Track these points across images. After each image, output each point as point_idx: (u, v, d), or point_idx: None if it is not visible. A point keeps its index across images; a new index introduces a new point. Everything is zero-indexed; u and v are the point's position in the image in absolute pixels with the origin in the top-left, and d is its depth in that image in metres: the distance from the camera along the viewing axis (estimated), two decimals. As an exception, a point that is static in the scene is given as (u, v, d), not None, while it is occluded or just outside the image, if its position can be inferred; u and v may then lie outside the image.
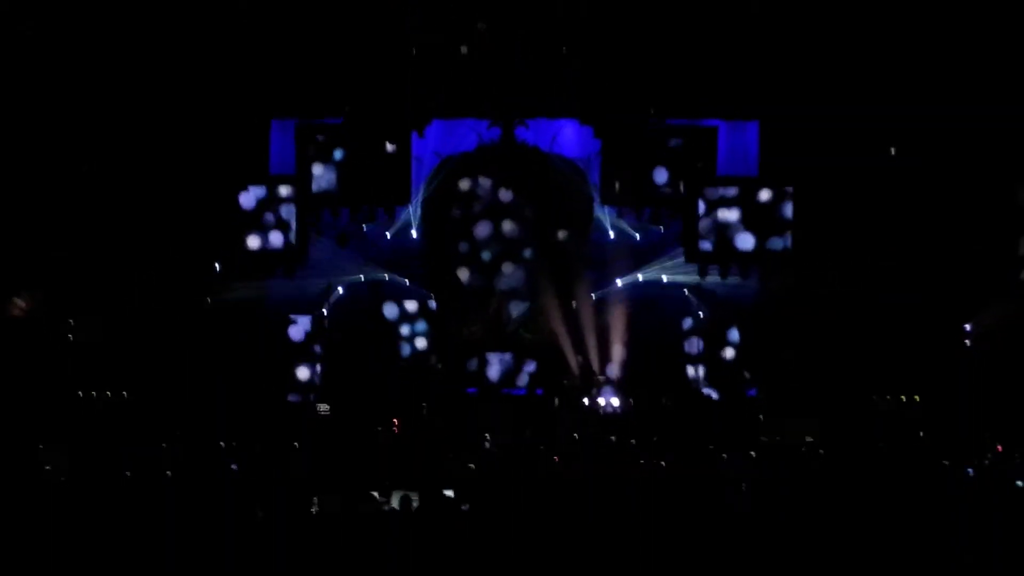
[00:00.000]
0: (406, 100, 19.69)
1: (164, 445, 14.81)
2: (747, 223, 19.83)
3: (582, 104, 19.77)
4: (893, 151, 19.03)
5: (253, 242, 19.85)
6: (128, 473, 12.97)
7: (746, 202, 19.87)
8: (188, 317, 19.41)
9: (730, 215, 19.90)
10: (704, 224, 19.91)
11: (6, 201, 18.87)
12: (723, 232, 19.89)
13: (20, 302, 19.05)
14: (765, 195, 19.81)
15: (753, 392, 19.92)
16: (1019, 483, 12.57)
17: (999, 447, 15.49)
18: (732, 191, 19.90)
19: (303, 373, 20.44)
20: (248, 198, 19.82)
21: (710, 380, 20.42)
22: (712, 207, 19.93)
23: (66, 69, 18.29)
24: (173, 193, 19.47)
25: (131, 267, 19.24)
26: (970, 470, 14.26)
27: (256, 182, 19.87)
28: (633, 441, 16.38)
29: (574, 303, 20.32)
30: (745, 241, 19.84)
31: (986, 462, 14.47)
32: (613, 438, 16.78)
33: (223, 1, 18.15)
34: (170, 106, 19.10)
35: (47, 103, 18.38)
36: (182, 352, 18.96)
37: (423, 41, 18.75)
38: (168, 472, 13.14)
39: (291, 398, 20.20)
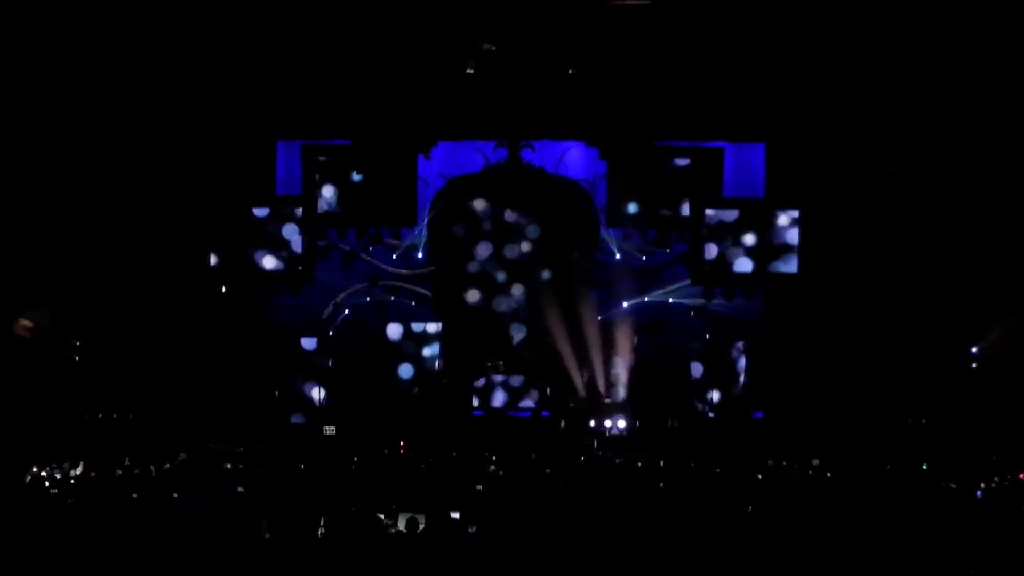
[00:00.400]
0: (412, 123, 19.67)
1: (167, 464, 14.60)
2: (753, 245, 19.87)
3: (588, 126, 19.79)
4: (892, 168, 18.86)
5: (259, 261, 19.92)
6: (135, 495, 12.36)
7: (752, 224, 19.87)
8: (195, 336, 19.25)
9: (736, 237, 19.94)
10: (709, 246, 19.91)
11: (11, 212, 18.69)
12: (728, 254, 19.89)
13: (26, 321, 19.00)
14: (771, 218, 19.83)
15: (759, 414, 19.79)
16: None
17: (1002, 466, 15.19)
18: (738, 213, 19.91)
19: (309, 393, 20.31)
20: (255, 218, 19.90)
21: (715, 402, 20.31)
22: (717, 229, 19.91)
23: (73, 82, 18.13)
24: (181, 212, 19.44)
25: (136, 285, 19.13)
26: (979, 492, 14.29)
27: (262, 202, 19.94)
28: (640, 463, 16.20)
29: (580, 324, 20.16)
30: (750, 264, 19.89)
31: (993, 484, 14.26)
32: (618, 460, 16.70)
33: (231, 23, 18.02)
34: (178, 128, 19.12)
35: (56, 114, 18.20)
36: (187, 370, 18.82)
37: (429, 63, 18.70)
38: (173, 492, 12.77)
39: (295, 419, 20.11)
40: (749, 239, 19.86)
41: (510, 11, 18.08)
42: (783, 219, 19.78)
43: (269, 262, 19.98)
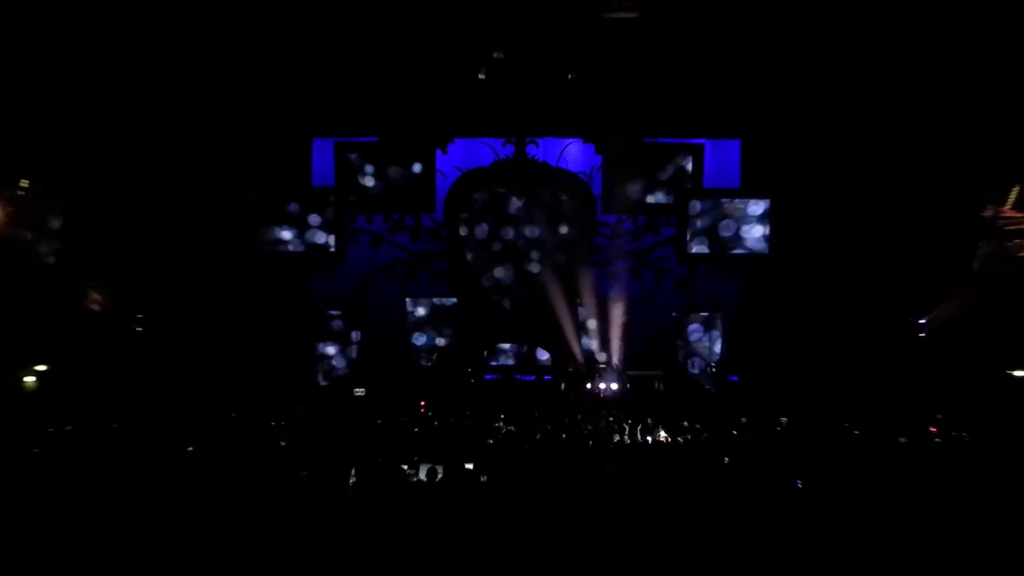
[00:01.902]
0: (431, 122, 20.16)
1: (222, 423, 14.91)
2: (730, 230, 20.50)
3: (585, 125, 20.31)
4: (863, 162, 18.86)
5: (298, 244, 20.58)
6: (191, 448, 12.60)
7: (729, 211, 20.47)
8: (240, 312, 19.79)
9: (715, 223, 20.54)
10: (692, 230, 20.49)
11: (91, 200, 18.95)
12: (709, 237, 20.51)
13: (96, 297, 19.48)
14: (746, 205, 20.45)
15: (734, 378, 20.15)
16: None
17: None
18: (717, 202, 20.48)
19: (339, 361, 21.07)
20: (295, 206, 20.54)
21: (696, 367, 20.90)
22: (699, 215, 20.51)
23: (140, 87, 18.21)
24: (227, 203, 19.97)
25: (188, 268, 19.62)
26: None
27: (300, 193, 20.55)
28: (630, 420, 16.43)
29: (578, 299, 20.65)
30: (729, 245, 20.54)
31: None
32: (611, 417, 16.90)
33: (266, 30, 17.88)
34: (229, 130, 19.54)
35: (116, 109, 18.41)
36: (238, 340, 19.29)
37: (447, 70, 18.89)
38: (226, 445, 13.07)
39: (324, 383, 20.71)
40: (727, 224, 20.46)
41: (517, 21, 18.06)
42: (755, 207, 20.35)
43: (305, 245, 20.58)
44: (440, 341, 21.43)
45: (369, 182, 20.97)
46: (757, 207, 20.53)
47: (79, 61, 17.35)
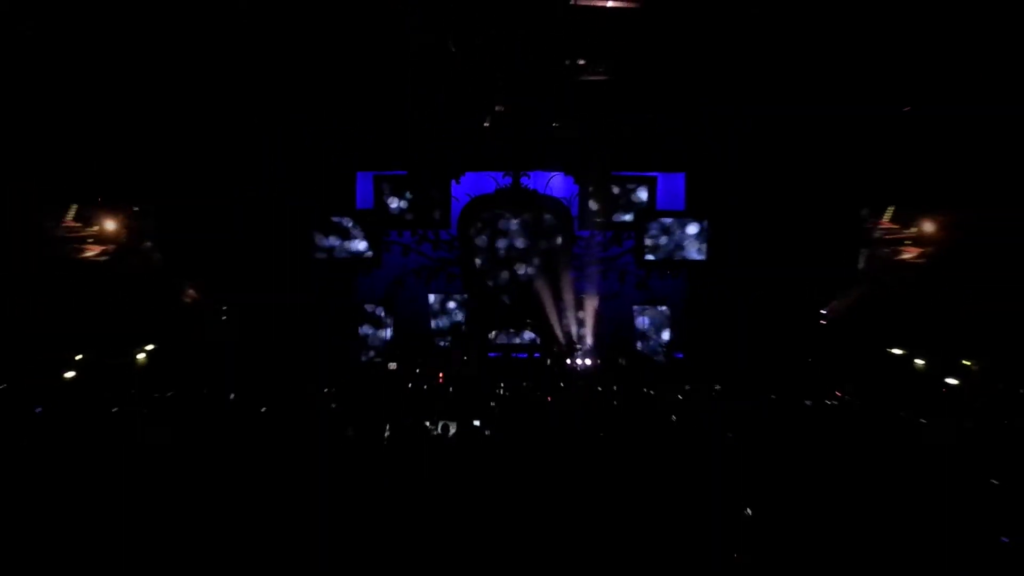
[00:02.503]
0: (447, 160, 20.20)
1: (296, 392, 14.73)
2: (677, 241, 20.52)
3: (566, 161, 20.27)
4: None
5: (345, 252, 20.64)
6: (263, 409, 12.81)
7: (676, 228, 20.55)
8: (299, 304, 19.52)
9: (665, 235, 20.59)
10: (648, 242, 20.57)
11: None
12: (660, 248, 20.58)
13: (190, 292, 19.41)
14: (688, 224, 20.51)
15: (680, 355, 20.41)
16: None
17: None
18: (667, 221, 20.57)
19: (376, 341, 21.06)
20: (343, 223, 20.66)
21: (650, 347, 20.91)
22: (653, 231, 20.59)
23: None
24: (294, 220, 19.95)
25: (261, 268, 19.40)
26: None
27: (347, 213, 20.64)
28: (600, 388, 16.58)
29: (561, 295, 20.50)
30: (676, 253, 20.57)
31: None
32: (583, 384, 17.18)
33: (314, 79, 17.02)
34: (301, 166, 19.50)
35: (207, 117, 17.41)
36: (299, 327, 19.24)
37: (461, 120, 18.76)
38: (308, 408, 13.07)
39: (364, 358, 20.66)
40: (674, 237, 20.54)
41: (515, 90, 17.66)
42: (695, 225, 20.44)
43: (350, 253, 20.65)
44: (455, 326, 21.33)
45: (400, 205, 20.95)
46: (696, 225, 20.53)
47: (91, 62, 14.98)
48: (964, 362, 17.28)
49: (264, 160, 19.12)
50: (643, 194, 20.79)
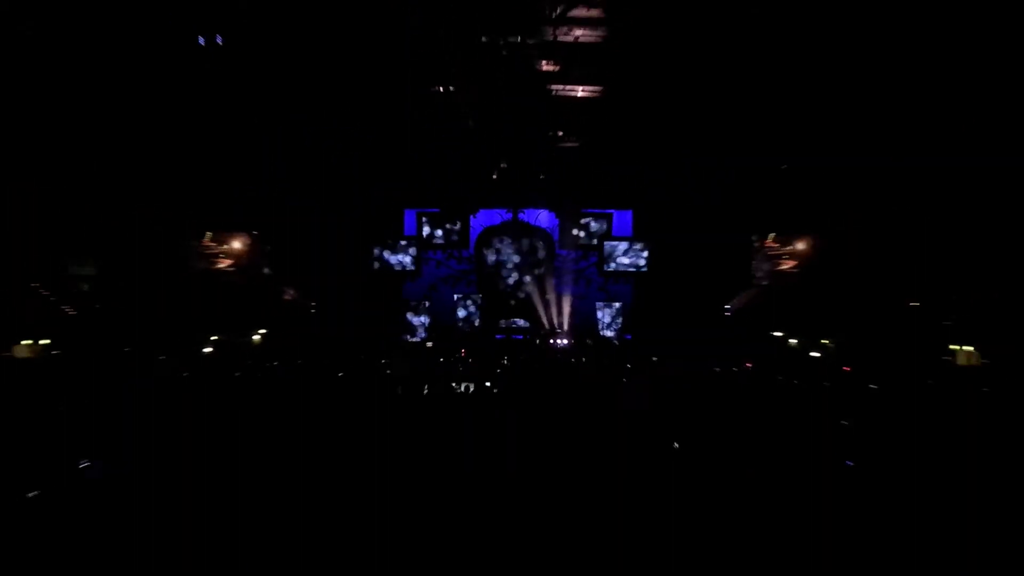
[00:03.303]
0: (467, 202, 20.25)
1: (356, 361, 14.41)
2: (626, 257, 20.46)
3: (551, 202, 20.23)
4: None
5: (398, 265, 20.53)
6: (341, 374, 12.65)
7: (626, 248, 20.48)
8: (367, 303, 19.37)
9: (618, 253, 20.50)
10: (606, 259, 20.48)
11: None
12: (615, 262, 20.48)
13: (289, 292, 19.52)
14: (634, 245, 20.44)
15: (629, 337, 20.24)
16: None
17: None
18: (620, 244, 20.48)
19: (418, 323, 20.78)
20: (397, 244, 20.56)
21: (608, 331, 20.67)
22: (610, 251, 20.50)
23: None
24: (364, 244, 20.06)
25: (340, 280, 19.28)
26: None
27: (397, 238, 20.58)
28: (573, 359, 16.81)
29: (546, 295, 20.44)
30: (625, 265, 20.46)
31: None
32: (561, 357, 17.16)
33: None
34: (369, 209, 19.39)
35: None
36: (364, 317, 18.92)
37: (479, 175, 18.72)
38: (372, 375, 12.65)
39: (407, 337, 20.41)
40: (624, 255, 20.49)
41: (515, 152, 17.84)
42: (639, 246, 20.38)
43: (400, 266, 20.56)
44: (473, 316, 21.07)
45: (434, 233, 20.81)
46: (640, 246, 20.44)
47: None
48: (823, 341, 17.50)
49: (345, 213, 18.98)
50: (603, 225, 20.76)
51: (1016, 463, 5.14)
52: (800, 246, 18.86)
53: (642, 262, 20.36)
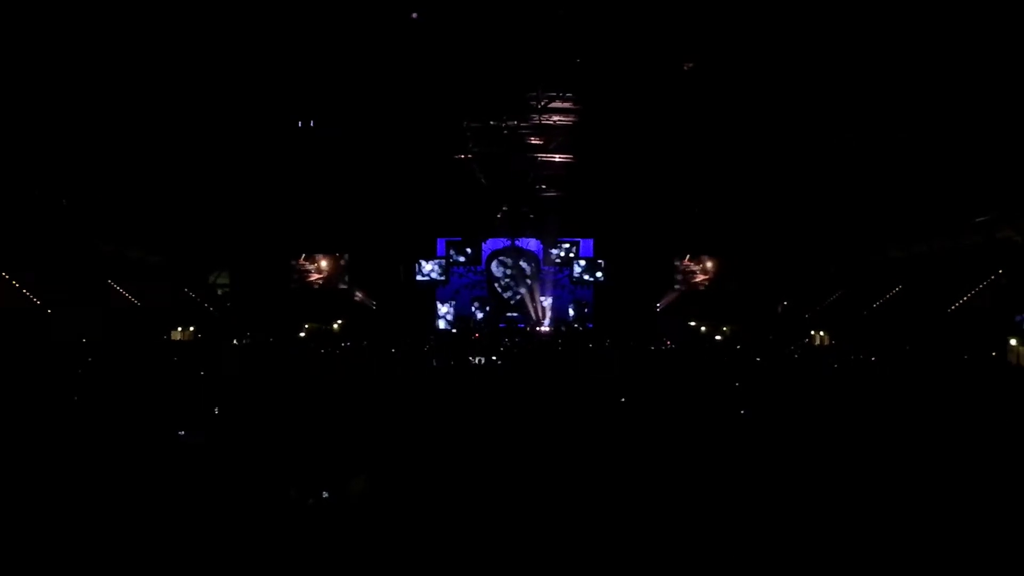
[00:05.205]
0: (481, 233, 19.79)
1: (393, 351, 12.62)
2: (590, 271, 20.05)
3: (537, 233, 19.66)
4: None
5: (432, 276, 19.91)
6: (392, 350, 12.10)
7: (590, 265, 20.08)
8: (404, 306, 18.88)
9: (585, 267, 20.07)
10: (576, 270, 20.03)
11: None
12: (583, 274, 20.02)
13: (359, 295, 18.85)
14: (596, 263, 20.02)
15: (591, 325, 19.75)
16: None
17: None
18: (584, 262, 20.04)
19: (443, 318, 20.17)
20: (429, 263, 20.08)
21: (578, 322, 20.13)
22: (580, 267, 20.05)
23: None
24: (404, 263, 19.43)
25: (387, 287, 18.88)
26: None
27: (432, 258, 20.06)
28: (558, 341, 16.43)
29: (535, 297, 20.03)
30: (590, 275, 20.02)
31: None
32: (544, 340, 17.08)
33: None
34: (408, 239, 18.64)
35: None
36: (407, 312, 18.67)
37: (489, 216, 18.27)
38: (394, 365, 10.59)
39: (438, 326, 19.71)
40: (589, 269, 20.06)
41: (513, 200, 17.54)
42: (600, 263, 19.93)
43: (434, 275, 20.02)
44: (485, 313, 20.50)
45: (457, 254, 20.35)
46: (601, 263, 20.03)
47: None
48: (724, 328, 17.40)
49: (397, 240, 18.08)
50: (573, 248, 20.42)
51: (859, 412, 5.15)
52: (708, 263, 19.19)
53: (600, 275, 19.98)
